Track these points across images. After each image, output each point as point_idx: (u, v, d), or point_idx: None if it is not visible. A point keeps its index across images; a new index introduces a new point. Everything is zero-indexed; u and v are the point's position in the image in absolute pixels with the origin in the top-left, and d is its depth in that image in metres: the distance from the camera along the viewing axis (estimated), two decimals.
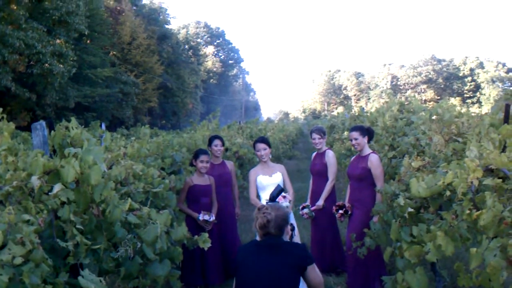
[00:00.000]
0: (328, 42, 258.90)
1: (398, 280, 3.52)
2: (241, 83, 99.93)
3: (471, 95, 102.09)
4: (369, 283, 5.48)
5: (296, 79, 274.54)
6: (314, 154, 6.59)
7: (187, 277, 5.54)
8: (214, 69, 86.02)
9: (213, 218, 5.73)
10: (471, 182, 3.02)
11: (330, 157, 6.24)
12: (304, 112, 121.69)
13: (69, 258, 3.08)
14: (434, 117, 4.37)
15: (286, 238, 3.48)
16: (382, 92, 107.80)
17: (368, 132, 5.61)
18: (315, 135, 6.36)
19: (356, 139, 5.52)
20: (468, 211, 2.92)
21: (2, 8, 24.35)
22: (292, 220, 5.87)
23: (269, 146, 5.91)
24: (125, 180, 4.39)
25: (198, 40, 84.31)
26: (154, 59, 46.97)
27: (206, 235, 4.06)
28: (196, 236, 4.07)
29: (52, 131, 3.54)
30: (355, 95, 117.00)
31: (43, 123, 3.59)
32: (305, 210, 6.01)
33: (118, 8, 43.61)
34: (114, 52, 42.23)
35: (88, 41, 35.01)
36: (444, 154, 4.21)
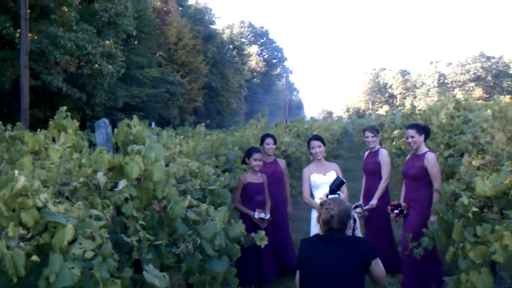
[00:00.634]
0: (373, 40, 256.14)
1: (461, 280, 3.43)
2: (284, 82, 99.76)
3: None
4: (425, 284, 5.36)
5: (339, 77, 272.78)
6: (366, 152, 6.50)
7: (242, 275, 5.56)
8: (258, 69, 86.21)
9: (268, 216, 5.74)
10: None
11: (384, 155, 6.13)
12: (347, 111, 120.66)
13: (133, 253, 3.13)
14: (497, 115, 4.23)
15: (349, 232, 3.45)
16: (428, 91, 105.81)
17: (424, 130, 5.48)
18: (368, 133, 6.27)
19: (412, 137, 5.40)
20: None
21: (54, 10, 25.12)
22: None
23: (324, 144, 5.86)
24: (182, 177, 4.45)
25: (242, 39, 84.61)
26: (200, 59, 47.49)
27: (263, 232, 4.06)
28: (253, 234, 4.07)
29: (116, 129, 3.61)
30: (400, 93, 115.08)
31: (106, 120, 3.67)
32: (358, 209, 5.94)
33: (165, 9, 44.28)
34: (161, 53, 42.90)
35: (136, 42, 35.69)
36: (508, 152, 4.08)
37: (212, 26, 58.34)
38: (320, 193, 5.65)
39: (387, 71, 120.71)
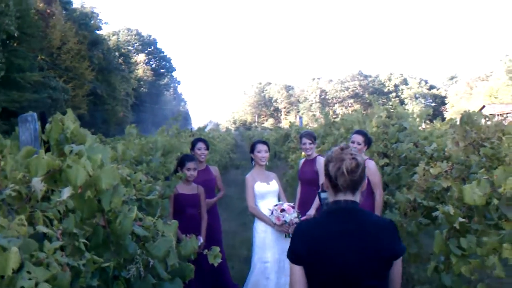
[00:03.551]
0: (259, 54, 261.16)
1: None
2: (172, 92, 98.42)
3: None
4: None
5: (226, 90, 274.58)
6: (301, 161, 6.16)
7: None
8: (145, 78, 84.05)
9: (201, 241, 5.11)
10: None
11: (322, 164, 5.81)
12: (234, 123, 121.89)
13: (81, 280, 2.47)
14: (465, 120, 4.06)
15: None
16: (311, 105, 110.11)
17: (369, 140, 5.27)
18: (305, 140, 5.91)
19: (359, 144, 5.15)
20: None
21: None
22: None
23: (269, 149, 5.42)
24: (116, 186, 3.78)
25: (129, 47, 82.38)
26: (85, 65, 45.31)
27: (217, 249, 3.52)
28: (206, 250, 3.52)
29: (48, 125, 2.91)
30: (285, 107, 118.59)
31: (34, 114, 2.95)
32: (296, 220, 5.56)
33: (48, 11, 41.62)
34: (43, 57, 40.24)
35: (16, 44, 33.05)
36: (475, 160, 3.90)
37: (98, 32, 55.98)
38: (267, 204, 5.21)
39: (273, 85, 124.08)
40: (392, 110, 6.41)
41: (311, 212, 5.69)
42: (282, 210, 5.08)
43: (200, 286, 5.22)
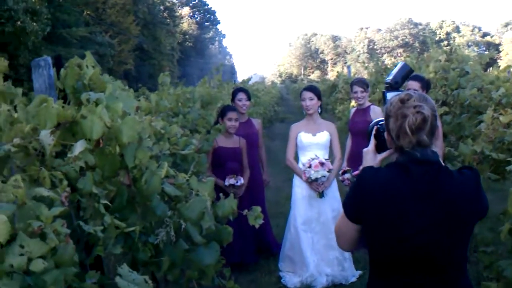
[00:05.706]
0: (304, 4, 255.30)
1: None
2: (217, 46, 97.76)
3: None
4: None
5: (271, 42, 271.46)
6: (353, 110, 5.68)
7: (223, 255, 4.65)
8: (190, 31, 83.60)
9: (241, 181, 4.85)
10: None
11: (378, 113, 5.31)
12: (280, 76, 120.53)
13: (98, 249, 2.16)
14: None
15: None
16: (358, 56, 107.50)
17: (427, 84, 4.75)
18: (357, 88, 5.39)
19: (416, 90, 4.63)
20: None
21: None
22: (336, 191, 5.01)
23: (319, 97, 4.96)
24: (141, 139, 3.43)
25: (174, 0, 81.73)
26: (130, 20, 45.10)
27: (259, 209, 3.15)
28: (246, 211, 3.16)
29: (62, 70, 2.55)
30: (331, 59, 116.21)
31: (48, 58, 2.60)
32: (347, 175, 5.14)
33: None
34: (88, 12, 40.28)
35: None
36: None
37: None
38: (307, 157, 4.81)
39: (319, 36, 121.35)
40: (451, 54, 5.80)
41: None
42: (310, 166, 4.69)
43: (241, 249, 4.93)
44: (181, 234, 2.64)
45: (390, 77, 2.67)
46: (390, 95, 2.25)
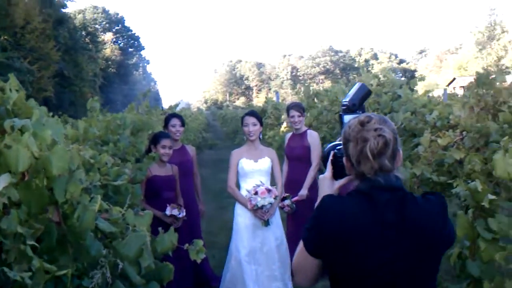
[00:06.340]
0: (229, 32, 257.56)
1: None
2: (141, 72, 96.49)
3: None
4: None
5: (196, 69, 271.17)
6: (288, 135, 5.60)
7: None
8: (113, 57, 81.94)
9: (183, 213, 4.59)
10: None
11: (315, 138, 5.27)
12: (206, 102, 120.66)
13: None
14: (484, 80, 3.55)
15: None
16: (282, 83, 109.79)
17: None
18: (294, 112, 5.34)
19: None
20: None
21: None
22: (279, 219, 4.87)
23: (261, 122, 4.83)
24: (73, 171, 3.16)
25: (96, 26, 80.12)
26: (50, 45, 43.70)
27: (201, 242, 2.95)
28: (187, 245, 2.95)
29: None
30: (256, 85, 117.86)
31: None
32: (286, 202, 5.03)
33: None
34: (6, 37, 38.68)
35: None
36: (493, 127, 3.41)
37: (63, 10, 54.16)
38: (249, 185, 4.66)
39: (243, 63, 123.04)
40: (382, 78, 5.90)
41: (303, 192, 5.18)
42: (256, 193, 4.55)
43: (179, 284, 4.67)
44: (118, 275, 2.39)
45: (347, 99, 2.54)
46: (347, 118, 2.13)
